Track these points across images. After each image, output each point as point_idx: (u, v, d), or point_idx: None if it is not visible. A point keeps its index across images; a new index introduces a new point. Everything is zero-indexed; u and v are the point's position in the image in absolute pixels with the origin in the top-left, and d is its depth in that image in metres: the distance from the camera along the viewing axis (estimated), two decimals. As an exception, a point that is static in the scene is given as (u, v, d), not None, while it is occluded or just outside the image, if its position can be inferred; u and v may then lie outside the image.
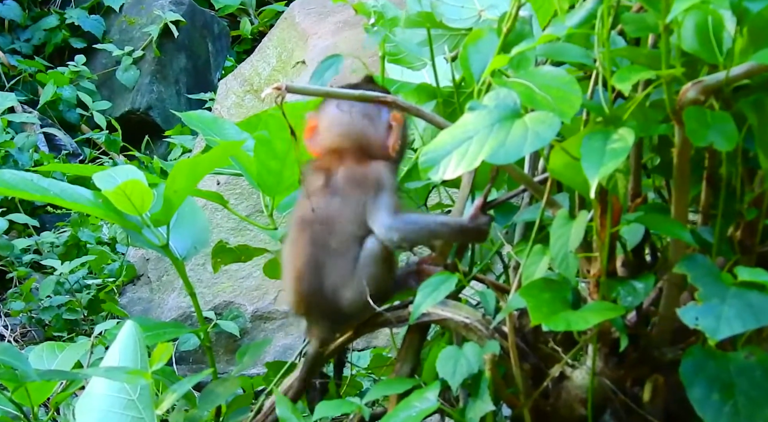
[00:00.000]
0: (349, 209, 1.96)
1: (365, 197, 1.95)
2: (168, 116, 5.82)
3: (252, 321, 3.59)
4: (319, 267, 1.97)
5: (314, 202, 1.97)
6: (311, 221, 1.98)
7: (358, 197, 1.96)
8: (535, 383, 1.83)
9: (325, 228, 1.97)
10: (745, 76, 1.57)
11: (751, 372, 1.56)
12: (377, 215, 1.94)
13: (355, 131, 2.02)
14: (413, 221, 1.95)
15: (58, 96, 5.57)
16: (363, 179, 1.97)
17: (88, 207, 2.34)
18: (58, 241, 4.22)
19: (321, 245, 1.97)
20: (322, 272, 1.97)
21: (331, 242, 1.96)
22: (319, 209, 1.97)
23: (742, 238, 1.71)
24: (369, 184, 1.96)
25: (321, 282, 1.97)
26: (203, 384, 2.49)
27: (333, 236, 1.96)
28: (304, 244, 1.99)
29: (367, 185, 1.96)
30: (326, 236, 1.97)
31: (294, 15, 4.11)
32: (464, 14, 2.13)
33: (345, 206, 1.97)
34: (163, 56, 5.92)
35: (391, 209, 1.94)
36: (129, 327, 2.11)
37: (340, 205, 1.97)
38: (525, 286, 1.69)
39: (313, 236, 1.97)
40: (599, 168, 1.49)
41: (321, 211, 1.97)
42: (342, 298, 1.96)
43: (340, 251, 1.96)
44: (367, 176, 1.97)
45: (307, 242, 1.98)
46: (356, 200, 1.96)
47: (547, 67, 1.65)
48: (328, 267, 1.97)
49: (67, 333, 3.71)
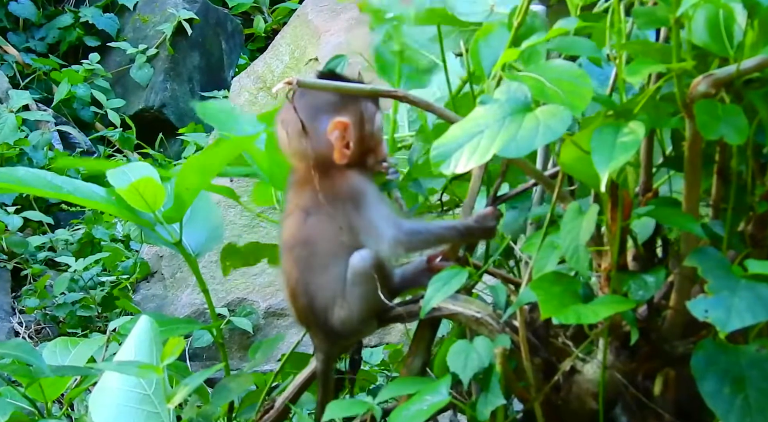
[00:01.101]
0: (324, 227, 1.91)
1: (343, 213, 1.89)
2: (182, 113, 5.84)
3: (265, 318, 3.60)
4: (307, 288, 1.94)
5: (291, 224, 1.94)
6: (292, 244, 1.95)
7: (332, 215, 1.90)
8: (546, 377, 1.83)
9: (307, 249, 1.93)
10: (756, 69, 1.57)
11: (762, 365, 1.56)
12: (375, 231, 1.87)
13: (298, 152, 1.93)
14: (417, 230, 1.90)
15: (72, 94, 5.59)
16: (333, 196, 1.89)
17: (101, 204, 2.35)
18: (72, 238, 4.23)
19: (305, 266, 1.93)
20: (311, 292, 1.94)
21: (314, 263, 1.93)
22: (298, 231, 1.93)
23: (752, 231, 1.71)
24: (342, 199, 1.89)
25: (312, 302, 1.95)
26: (216, 381, 2.50)
27: (314, 257, 1.92)
28: (290, 267, 1.96)
29: (339, 200, 1.89)
30: (308, 257, 1.93)
31: (307, 12, 4.12)
32: (476, 8, 2.13)
33: (320, 225, 1.91)
34: (176, 54, 5.94)
35: (388, 221, 1.87)
36: (144, 322, 2.12)
37: (315, 225, 1.92)
38: (535, 279, 1.69)
39: (297, 259, 1.94)
40: (610, 162, 1.49)
41: (300, 233, 1.93)
42: (333, 318, 1.94)
43: (323, 271, 1.92)
44: (335, 192, 1.90)
45: (293, 264, 1.95)
46: (331, 218, 1.90)
47: (557, 61, 1.65)
48: (315, 288, 1.94)
49: (81, 330, 3.73)
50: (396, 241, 1.87)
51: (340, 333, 1.96)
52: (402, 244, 1.88)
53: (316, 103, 1.91)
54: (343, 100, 1.91)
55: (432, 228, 1.94)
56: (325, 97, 1.91)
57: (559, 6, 1.87)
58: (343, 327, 1.95)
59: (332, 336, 1.98)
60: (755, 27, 1.59)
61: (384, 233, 1.87)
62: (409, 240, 1.88)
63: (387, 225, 1.87)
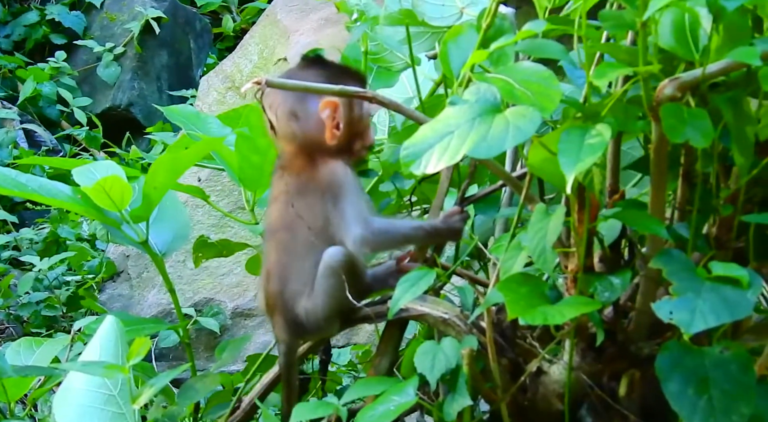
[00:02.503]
0: (306, 215, 1.91)
1: (322, 204, 1.89)
2: (149, 112, 5.81)
3: (232, 318, 3.60)
4: (282, 272, 1.94)
5: (276, 208, 1.94)
6: (276, 229, 1.95)
7: (312, 204, 1.90)
8: (513, 378, 1.84)
9: (289, 234, 1.93)
10: (721, 73, 1.59)
11: (726, 366, 1.58)
12: (345, 227, 1.88)
13: (288, 134, 1.93)
14: (385, 230, 1.91)
15: (38, 92, 5.55)
16: (314, 186, 1.90)
17: (67, 203, 2.33)
18: (37, 237, 4.20)
19: (285, 251, 1.94)
20: (284, 277, 1.94)
21: (293, 249, 1.93)
22: (282, 216, 1.93)
23: (717, 234, 1.73)
24: (322, 189, 1.90)
25: (283, 288, 1.94)
26: (182, 381, 2.49)
27: (295, 243, 1.93)
28: (270, 251, 1.96)
29: (319, 190, 1.90)
30: (289, 243, 1.93)
31: (276, 12, 4.12)
32: (445, 12, 2.14)
33: (303, 212, 1.92)
34: (144, 53, 5.91)
35: (358, 218, 1.88)
36: (109, 322, 2.11)
37: (298, 212, 1.92)
38: (503, 281, 1.69)
39: (278, 243, 1.95)
40: (576, 164, 1.49)
41: (284, 218, 1.93)
42: (299, 307, 1.93)
43: (300, 259, 1.92)
44: (317, 180, 1.90)
45: (273, 248, 1.96)
46: (310, 207, 1.90)
47: (526, 63, 1.66)
48: (289, 274, 1.93)
49: (45, 330, 3.70)
50: (362, 239, 1.88)
51: (302, 325, 1.95)
52: (368, 243, 1.89)
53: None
54: (332, 82, 1.89)
55: (400, 228, 1.94)
56: (314, 79, 1.90)
57: (528, 8, 1.88)
58: (307, 319, 1.93)
59: (294, 326, 1.96)
60: (720, 31, 1.60)
61: (352, 230, 1.88)
62: (375, 239, 1.89)
63: (357, 222, 1.88)
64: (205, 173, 3.64)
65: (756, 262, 1.72)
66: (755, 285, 1.55)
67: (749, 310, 1.54)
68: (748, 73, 1.62)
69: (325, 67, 1.97)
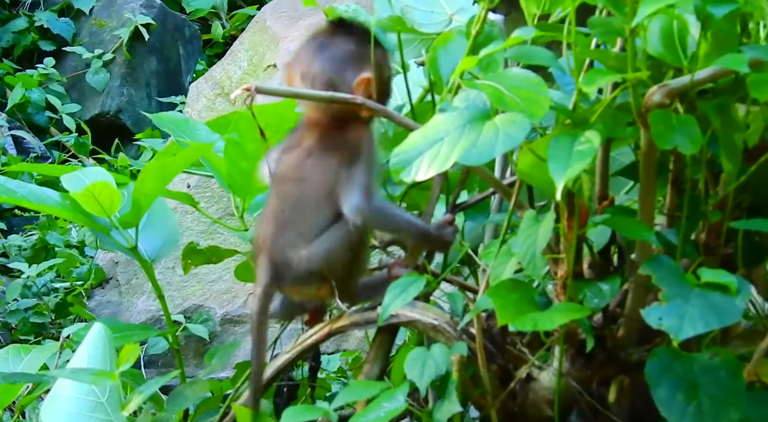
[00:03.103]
0: (320, 172, 1.92)
1: (339, 166, 1.90)
2: (138, 119, 5.80)
3: (221, 325, 3.59)
4: (283, 219, 1.94)
5: (291, 159, 1.94)
6: (286, 178, 1.95)
7: (330, 163, 1.91)
8: (502, 384, 1.84)
9: (297, 187, 1.94)
10: (709, 80, 1.60)
11: (715, 373, 1.58)
12: (348, 192, 1.89)
13: (321, 105, 1.94)
14: (383, 209, 1.93)
15: (26, 99, 5.54)
16: (338, 146, 1.92)
17: (56, 209, 2.33)
18: (25, 244, 4.19)
19: (291, 200, 1.94)
20: (284, 223, 1.93)
21: (300, 201, 1.93)
22: (295, 168, 1.94)
23: (706, 240, 1.73)
24: (345, 151, 1.91)
25: (279, 232, 1.94)
26: (171, 388, 2.48)
27: (302, 195, 1.93)
28: (275, 197, 1.96)
29: (343, 151, 1.91)
30: (297, 194, 1.93)
31: (265, 19, 4.11)
32: (434, 19, 2.15)
33: (316, 168, 1.93)
34: (133, 59, 5.90)
35: (363, 189, 1.89)
36: (97, 329, 2.10)
37: (313, 167, 1.93)
38: (492, 287, 1.70)
39: (285, 192, 1.94)
40: (566, 170, 1.50)
41: (297, 170, 1.94)
42: (291, 253, 1.93)
43: (306, 212, 1.93)
44: (342, 142, 1.92)
45: (279, 196, 1.95)
46: (328, 165, 1.91)
47: (515, 69, 1.66)
48: (290, 221, 1.93)
49: (34, 337, 3.68)
50: (359, 208, 1.88)
51: (286, 272, 1.94)
52: (363, 215, 1.89)
53: (339, 56, 1.94)
54: (363, 52, 1.94)
55: (397, 215, 1.96)
56: (347, 50, 1.93)
57: (517, 14, 1.89)
58: (297, 266, 1.93)
59: (276, 271, 1.96)
60: (708, 38, 1.61)
61: (353, 197, 1.89)
62: (370, 214, 1.90)
63: (361, 191, 1.89)
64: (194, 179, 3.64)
65: (744, 268, 1.72)
66: (744, 292, 1.56)
67: (738, 316, 1.55)
68: (736, 79, 1.63)
69: (352, 33, 1.97)
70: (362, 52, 1.95)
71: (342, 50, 1.94)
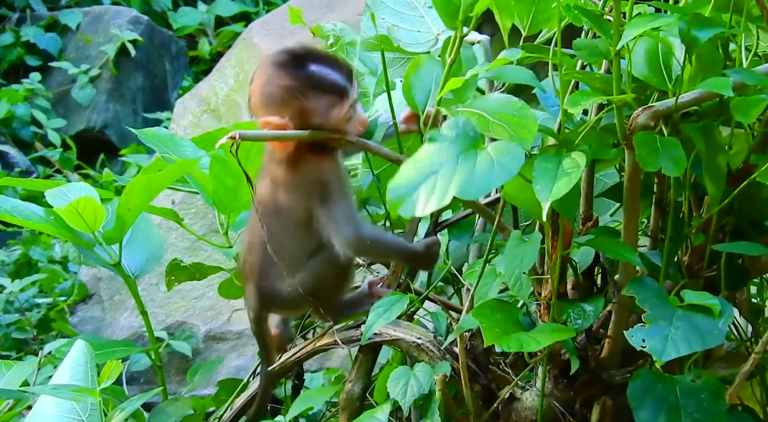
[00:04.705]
0: (293, 205, 1.92)
1: (308, 201, 1.89)
2: (124, 134, 5.78)
3: (205, 342, 3.56)
4: (266, 250, 1.93)
5: (264, 186, 1.94)
6: (263, 205, 1.93)
7: (298, 198, 1.91)
8: (485, 404, 1.84)
9: (275, 219, 1.93)
10: (694, 102, 1.61)
11: (697, 395, 1.59)
12: (334, 229, 1.88)
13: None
14: (375, 237, 1.93)
15: (11, 113, 5.51)
16: (306, 179, 1.90)
17: (39, 224, 2.31)
18: (8, 259, 4.16)
19: (272, 232, 1.92)
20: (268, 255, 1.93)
21: (280, 233, 1.93)
22: (268, 196, 1.93)
23: (689, 262, 1.74)
24: (313, 185, 1.89)
25: (265, 263, 1.96)
26: (153, 405, 2.47)
27: (280, 228, 1.93)
28: (257, 224, 1.94)
29: (309, 187, 1.89)
30: (275, 226, 1.92)
31: (252, 36, 4.12)
32: (421, 38, 2.15)
33: (288, 202, 1.92)
34: (120, 75, 5.89)
35: (347, 222, 1.88)
36: (79, 346, 2.08)
37: (283, 199, 1.92)
38: (478, 306, 1.70)
39: (266, 222, 1.92)
40: (551, 191, 1.50)
41: (270, 199, 1.93)
42: (280, 283, 1.96)
43: (287, 243, 1.93)
44: (310, 174, 1.90)
45: (261, 223, 1.92)
46: (297, 201, 1.91)
47: (495, 95, 1.67)
48: (277, 253, 1.92)
49: (15, 352, 3.65)
50: (350, 244, 1.88)
51: (275, 299, 1.99)
52: (355, 248, 1.90)
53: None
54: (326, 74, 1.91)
55: (387, 240, 1.97)
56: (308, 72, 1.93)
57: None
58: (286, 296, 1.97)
59: (265, 299, 2.01)
60: (693, 62, 1.62)
61: (341, 233, 1.88)
62: (363, 247, 1.91)
63: (348, 223, 1.88)
64: (179, 195, 3.62)
65: (727, 291, 1.73)
66: (726, 314, 1.57)
67: (721, 339, 1.55)
68: (720, 102, 1.64)
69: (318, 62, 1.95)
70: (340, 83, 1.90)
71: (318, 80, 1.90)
